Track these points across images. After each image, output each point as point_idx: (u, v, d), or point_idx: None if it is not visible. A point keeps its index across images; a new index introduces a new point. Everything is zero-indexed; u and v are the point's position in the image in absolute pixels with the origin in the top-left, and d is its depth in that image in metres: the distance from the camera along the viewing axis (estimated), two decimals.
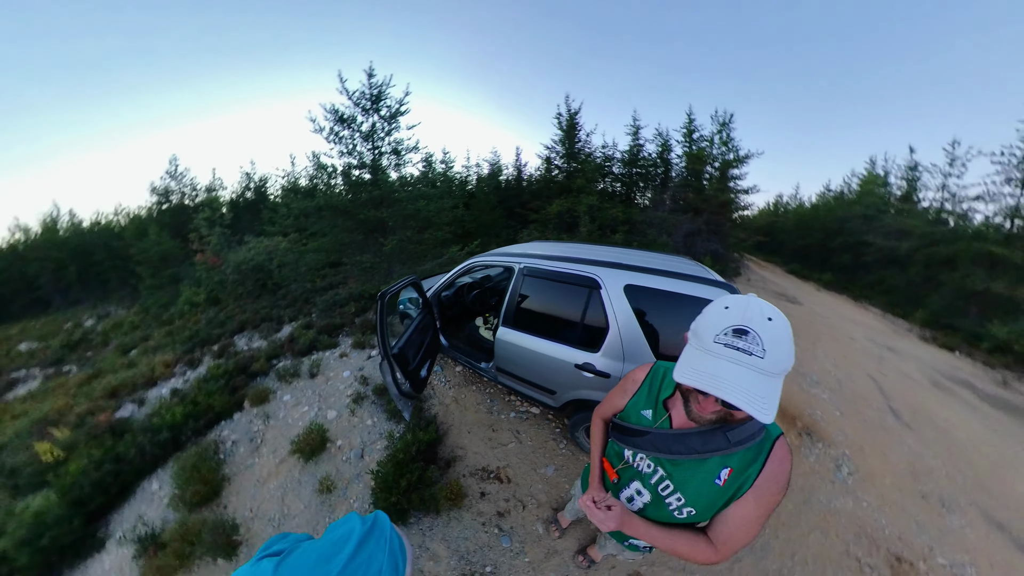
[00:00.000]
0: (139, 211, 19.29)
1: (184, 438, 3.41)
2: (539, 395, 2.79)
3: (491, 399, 3.48)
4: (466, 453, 2.93)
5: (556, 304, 2.63)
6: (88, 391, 5.29)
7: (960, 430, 4.29)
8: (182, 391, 4.30)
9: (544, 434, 3.09)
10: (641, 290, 2.19)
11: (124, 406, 4.42)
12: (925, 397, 5.06)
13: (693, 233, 11.12)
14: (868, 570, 2.32)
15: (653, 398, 1.09)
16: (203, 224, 10.33)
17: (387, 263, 6.18)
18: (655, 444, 1.01)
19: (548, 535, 2.35)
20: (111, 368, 6.54)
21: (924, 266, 13.06)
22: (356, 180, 6.18)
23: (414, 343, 2.80)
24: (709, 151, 13.36)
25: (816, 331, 6.81)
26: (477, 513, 2.49)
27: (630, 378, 1.21)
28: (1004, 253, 10.58)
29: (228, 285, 8.28)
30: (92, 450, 3.20)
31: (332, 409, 3.51)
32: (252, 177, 18.46)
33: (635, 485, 1.11)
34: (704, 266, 2.58)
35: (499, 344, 2.82)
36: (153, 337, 7.82)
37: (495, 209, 14.00)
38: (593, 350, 2.33)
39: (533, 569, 2.19)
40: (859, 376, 5.13)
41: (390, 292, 2.38)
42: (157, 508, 2.79)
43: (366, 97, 6.06)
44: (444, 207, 7.09)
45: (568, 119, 13.58)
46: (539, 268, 2.64)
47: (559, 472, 2.76)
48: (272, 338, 5.48)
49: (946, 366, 6.82)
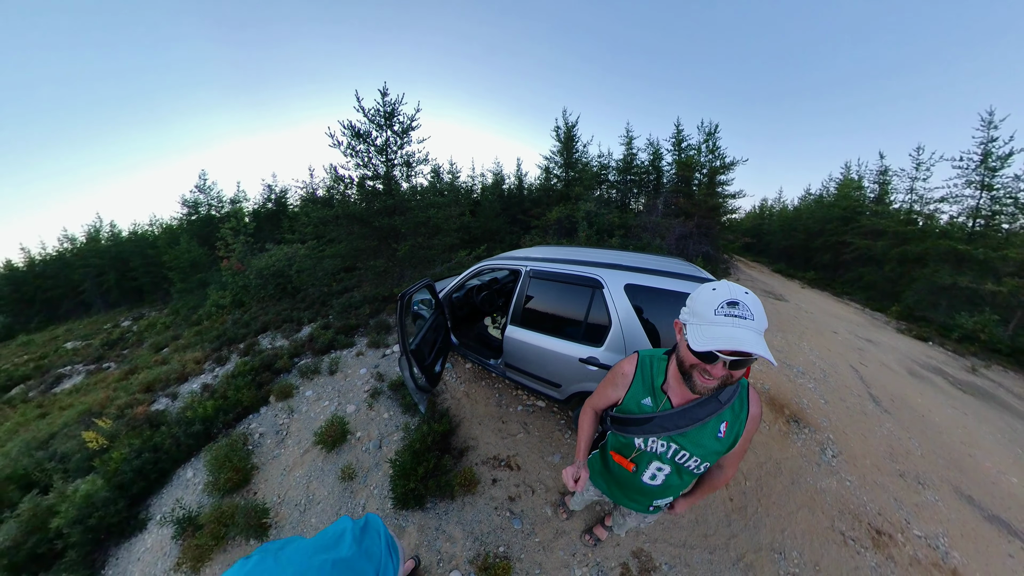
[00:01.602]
0: (171, 222, 19.42)
1: (215, 430, 3.41)
2: (545, 389, 2.77)
3: (499, 394, 3.46)
4: (478, 443, 2.91)
5: (561, 303, 2.61)
6: (126, 386, 5.30)
7: (934, 414, 4.30)
8: (212, 386, 4.29)
9: (550, 425, 3.08)
10: (640, 289, 2.20)
11: (159, 400, 4.43)
12: (902, 385, 5.06)
13: (685, 236, 11.07)
14: (851, 543, 2.37)
15: (648, 386, 1.13)
16: (228, 233, 10.35)
17: (399, 267, 6.17)
18: (663, 425, 1.08)
19: (556, 517, 2.35)
20: (146, 365, 6.56)
21: (898, 263, 13.09)
22: (371, 190, 6.18)
23: (429, 341, 2.80)
24: (698, 159, 13.33)
25: (802, 326, 6.76)
26: (490, 498, 2.48)
27: (618, 371, 1.21)
28: (968, 250, 10.65)
29: (251, 289, 8.28)
30: (132, 439, 3.23)
31: (351, 403, 3.50)
32: (273, 189, 18.52)
33: (655, 465, 1.18)
34: (696, 266, 2.58)
35: (507, 342, 2.81)
36: (183, 336, 7.85)
37: (499, 216, 13.99)
38: (597, 345, 2.33)
39: (543, 548, 2.18)
40: (842, 367, 5.11)
41: (409, 293, 2.38)
42: (193, 493, 2.80)
43: (380, 114, 6.07)
44: (453, 214, 7.08)
45: (566, 131, 13.57)
46: (544, 270, 2.64)
47: (565, 460, 2.74)
48: (293, 338, 5.47)
49: (920, 355, 6.80)
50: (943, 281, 10.62)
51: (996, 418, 4.65)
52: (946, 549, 2.44)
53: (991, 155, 11.14)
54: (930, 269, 11.40)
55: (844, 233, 15.83)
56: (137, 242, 21.04)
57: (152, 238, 20.50)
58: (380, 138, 6.17)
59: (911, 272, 12.30)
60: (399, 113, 6.16)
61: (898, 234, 13.51)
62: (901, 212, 14.66)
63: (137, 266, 19.54)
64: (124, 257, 20.41)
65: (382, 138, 6.18)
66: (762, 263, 19.30)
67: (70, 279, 21.11)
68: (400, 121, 6.20)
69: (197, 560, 2.19)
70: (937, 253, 11.58)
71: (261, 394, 3.86)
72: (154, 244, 19.03)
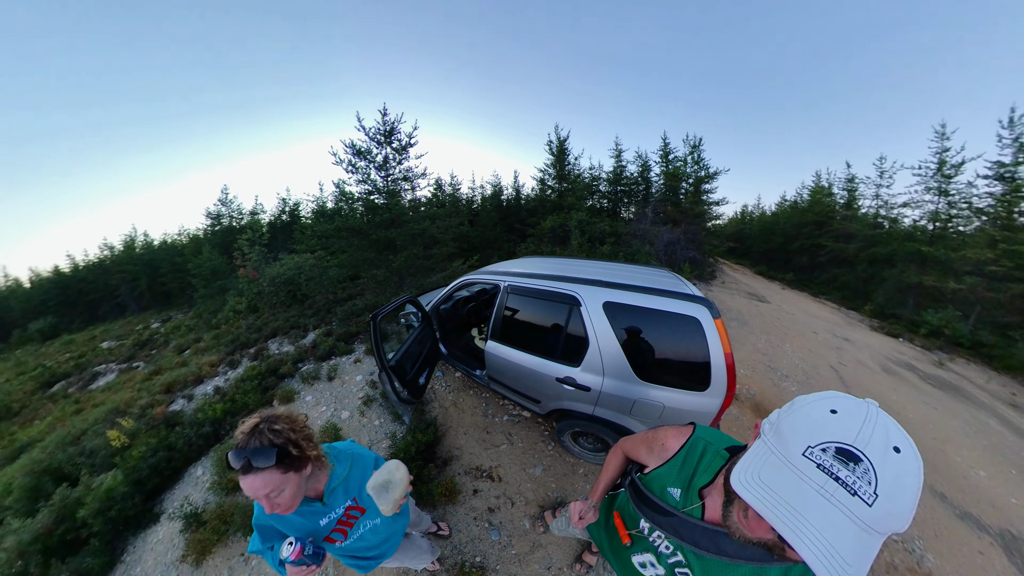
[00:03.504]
0: (196, 232, 19.45)
1: (223, 432, 3.37)
2: (526, 403, 2.59)
3: (486, 403, 3.30)
4: (462, 453, 2.75)
5: (538, 320, 2.40)
6: (149, 386, 5.26)
7: (908, 411, 4.20)
8: (223, 389, 4.21)
9: (534, 436, 2.90)
10: (620, 307, 1.96)
11: (176, 401, 4.36)
12: (878, 382, 4.96)
13: (673, 242, 10.84)
14: None
15: (686, 477, 0.78)
16: (245, 244, 10.31)
17: (397, 277, 6.03)
18: (678, 530, 0.75)
19: (534, 530, 2.18)
20: (168, 366, 6.49)
21: (868, 264, 12.98)
22: (370, 204, 6.05)
23: (412, 354, 2.64)
24: (683, 170, 13.16)
25: (784, 327, 6.62)
26: (470, 508, 2.33)
27: (661, 440, 0.90)
28: (930, 251, 10.67)
29: (265, 295, 8.19)
30: (150, 438, 3.24)
31: (345, 410, 3.36)
32: (287, 202, 18.52)
33: (649, 556, 0.86)
34: (683, 279, 2.32)
35: (488, 356, 2.63)
36: (203, 339, 7.76)
37: (496, 225, 13.80)
38: (574, 365, 2.11)
39: (519, 560, 2.03)
40: (823, 368, 5.00)
41: (382, 312, 2.22)
42: (200, 491, 2.76)
43: (380, 133, 5.95)
44: (451, 225, 6.92)
45: (558, 145, 13.39)
46: (522, 286, 2.43)
47: (547, 472, 2.57)
48: (298, 343, 5.34)
49: (893, 352, 6.68)
50: (910, 280, 10.64)
51: (963, 411, 4.56)
52: (921, 552, 2.32)
53: (945, 164, 11.27)
54: (898, 269, 11.42)
55: (818, 237, 15.63)
56: (167, 250, 21.23)
57: (180, 247, 20.64)
58: (380, 155, 6.04)
59: (881, 272, 12.22)
60: (398, 131, 6.03)
61: (867, 237, 13.44)
62: (869, 217, 14.56)
63: (166, 272, 19.67)
64: (155, 264, 20.55)
65: (382, 155, 6.05)
66: (745, 265, 19.03)
67: (108, 283, 21.32)
68: (399, 139, 6.08)
69: (200, 552, 2.23)
70: (903, 254, 11.57)
71: (266, 398, 3.79)
72: (181, 252, 19.10)
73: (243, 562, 2.16)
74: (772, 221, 22.02)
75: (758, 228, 22.99)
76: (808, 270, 16.20)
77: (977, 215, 10.69)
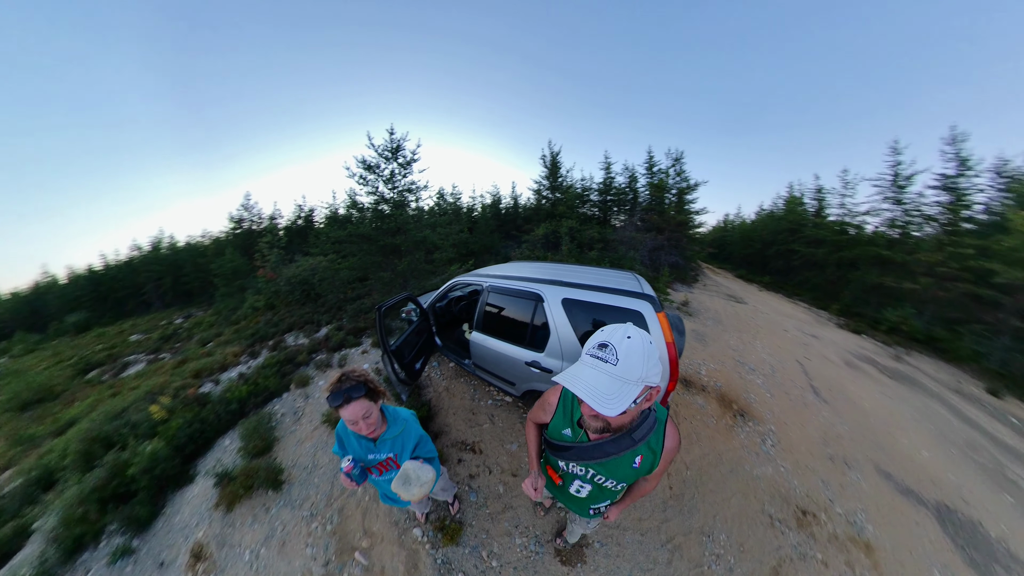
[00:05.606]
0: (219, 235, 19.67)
1: (247, 409, 3.63)
2: (504, 386, 2.83)
3: (474, 389, 3.51)
4: (450, 429, 3.01)
5: (512, 314, 2.67)
6: (180, 372, 5.55)
7: (865, 400, 4.17)
8: (246, 375, 4.46)
9: (513, 418, 3.12)
10: (575, 303, 2.22)
11: (205, 384, 4.63)
12: (840, 375, 4.91)
13: (657, 248, 11.02)
14: (778, 524, 2.29)
15: (568, 419, 1.06)
16: (265, 246, 10.56)
17: (402, 279, 6.30)
18: (579, 455, 1.02)
19: (507, 494, 2.41)
20: (194, 356, 6.76)
21: (836, 267, 13.31)
22: (378, 213, 6.32)
23: (410, 343, 2.91)
24: (667, 181, 13.35)
25: (756, 325, 6.58)
26: (454, 474, 2.58)
27: (546, 400, 1.16)
28: (889, 255, 11.13)
29: (281, 294, 8.44)
30: (186, 413, 3.52)
31: None
32: (303, 208, 18.73)
33: (576, 483, 1.16)
34: (642, 280, 2.45)
35: (472, 345, 2.90)
36: (224, 334, 8.02)
37: (494, 232, 14.05)
38: (539, 351, 2.37)
39: (491, 518, 2.27)
40: (789, 362, 4.92)
41: (386, 305, 2.49)
42: (230, 456, 3.00)
43: (388, 149, 6.24)
44: (451, 232, 7.18)
45: (551, 158, 13.67)
46: (499, 286, 2.71)
47: (521, 448, 2.80)
48: (312, 337, 5.61)
49: (855, 347, 6.69)
50: (872, 281, 11.01)
51: (914, 399, 4.63)
52: (862, 524, 2.38)
53: (899, 175, 11.88)
54: (861, 271, 11.79)
55: (792, 242, 15.86)
56: (190, 251, 21.47)
57: (202, 248, 20.87)
58: (387, 169, 6.33)
59: (847, 275, 12.55)
60: (403, 148, 6.32)
61: (834, 242, 13.73)
62: (835, 224, 14.79)
63: (189, 272, 19.91)
64: (179, 264, 20.79)
65: (389, 169, 6.33)
66: (727, 269, 19.12)
67: (135, 281, 21.61)
68: (404, 155, 6.36)
69: (231, 502, 2.48)
70: (866, 258, 11.96)
71: (284, 382, 4.03)
72: (204, 253, 19.33)
73: (264, 511, 2.43)
74: (751, 229, 22.23)
75: (739, 235, 23.21)
76: (784, 273, 16.44)
77: (928, 221, 11.07)
